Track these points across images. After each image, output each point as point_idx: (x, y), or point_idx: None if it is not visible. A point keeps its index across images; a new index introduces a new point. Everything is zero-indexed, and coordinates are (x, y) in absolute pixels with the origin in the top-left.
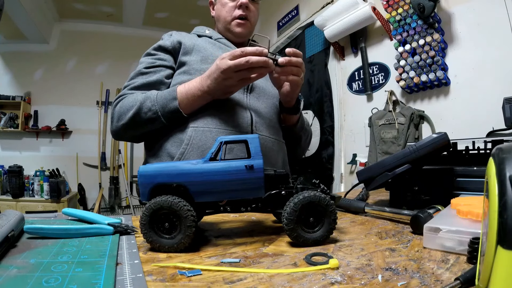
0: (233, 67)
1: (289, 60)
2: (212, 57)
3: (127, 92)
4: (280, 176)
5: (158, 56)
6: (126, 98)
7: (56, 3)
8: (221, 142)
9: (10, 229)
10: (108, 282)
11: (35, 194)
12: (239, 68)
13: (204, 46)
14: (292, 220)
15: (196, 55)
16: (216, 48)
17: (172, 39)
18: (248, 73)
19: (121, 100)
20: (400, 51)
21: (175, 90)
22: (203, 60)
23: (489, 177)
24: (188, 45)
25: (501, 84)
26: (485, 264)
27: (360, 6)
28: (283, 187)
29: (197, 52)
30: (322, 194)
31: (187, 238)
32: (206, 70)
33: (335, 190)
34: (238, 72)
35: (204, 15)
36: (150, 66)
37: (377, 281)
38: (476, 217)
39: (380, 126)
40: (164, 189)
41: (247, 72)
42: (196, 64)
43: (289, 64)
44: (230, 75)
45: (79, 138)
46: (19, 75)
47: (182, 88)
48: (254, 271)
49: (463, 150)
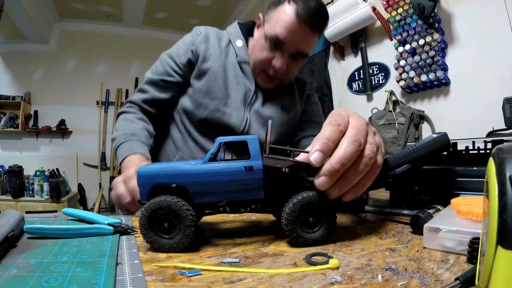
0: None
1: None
2: (215, 93)
3: (128, 109)
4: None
5: (167, 69)
6: (121, 118)
7: (56, 3)
8: (220, 142)
9: (10, 229)
10: (108, 282)
11: (35, 194)
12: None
13: (217, 73)
14: (291, 220)
15: (204, 81)
16: (230, 74)
17: (196, 48)
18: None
19: (120, 115)
20: (400, 51)
21: (123, 157)
22: (207, 92)
23: (489, 177)
24: (205, 67)
25: (501, 84)
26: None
27: (360, 6)
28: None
29: (207, 79)
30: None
31: (186, 237)
32: (206, 105)
33: None
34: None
35: (204, 15)
36: (163, 78)
37: (377, 281)
38: (476, 217)
39: (380, 126)
40: (163, 190)
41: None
42: (199, 95)
43: (329, 174)
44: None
45: (79, 138)
46: (19, 75)
47: (125, 162)
48: (254, 271)
49: (463, 150)
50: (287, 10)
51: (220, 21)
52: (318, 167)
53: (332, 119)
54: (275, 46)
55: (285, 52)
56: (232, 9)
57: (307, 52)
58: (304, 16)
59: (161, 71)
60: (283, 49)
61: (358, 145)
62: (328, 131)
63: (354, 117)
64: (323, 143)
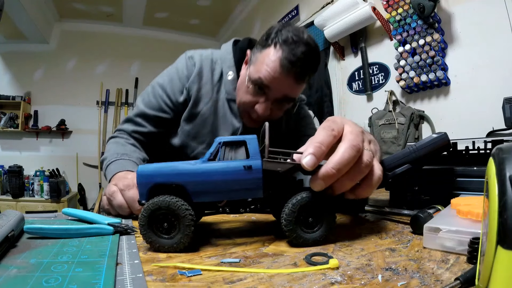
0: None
1: (327, 173)
2: (203, 137)
3: (119, 135)
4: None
5: (162, 105)
6: (112, 142)
7: (56, 3)
8: (219, 142)
9: (10, 229)
10: (108, 282)
11: (35, 194)
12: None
13: (207, 117)
14: (291, 221)
15: (194, 125)
16: (220, 113)
17: (189, 88)
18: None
19: (111, 139)
20: (400, 51)
21: (114, 173)
22: (195, 136)
23: (489, 177)
24: (195, 111)
25: (501, 84)
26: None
27: (360, 6)
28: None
29: (196, 124)
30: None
31: (186, 237)
32: (193, 148)
33: None
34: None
35: (204, 15)
36: (157, 115)
37: (377, 281)
38: (476, 217)
39: (380, 126)
40: (162, 189)
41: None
42: (188, 138)
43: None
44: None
45: (79, 138)
46: (19, 75)
47: (116, 176)
48: (254, 271)
49: (463, 150)
50: (272, 56)
51: (220, 21)
52: (310, 170)
53: (326, 125)
54: (259, 89)
55: (269, 97)
56: (232, 9)
57: (293, 97)
58: (288, 66)
59: (155, 105)
60: (267, 93)
61: (357, 150)
62: (321, 135)
63: (349, 124)
64: (315, 147)
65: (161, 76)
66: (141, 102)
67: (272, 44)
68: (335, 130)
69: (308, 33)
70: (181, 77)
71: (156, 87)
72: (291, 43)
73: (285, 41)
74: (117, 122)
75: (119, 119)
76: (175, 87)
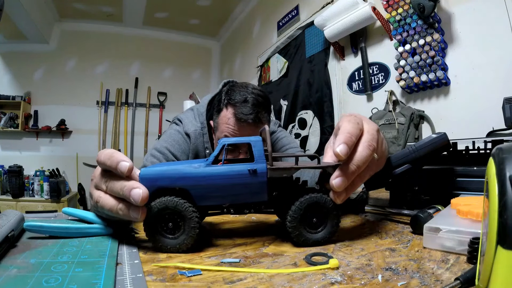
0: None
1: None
2: None
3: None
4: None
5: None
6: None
7: (56, 3)
8: (223, 145)
9: (10, 229)
10: (108, 282)
11: (35, 194)
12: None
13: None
14: (296, 218)
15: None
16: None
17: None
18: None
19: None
20: (400, 51)
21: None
22: None
23: (489, 177)
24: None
25: (501, 84)
26: (485, 264)
27: (360, 6)
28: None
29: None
30: (327, 196)
31: (190, 239)
32: None
33: None
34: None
35: (204, 15)
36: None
37: (377, 281)
38: (476, 217)
39: (380, 126)
40: (165, 193)
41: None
42: None
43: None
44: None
45: (79, 138)
46: (19, 75)
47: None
48: (254, 271)
49: (463, 150)
50: (228, 114)
51: (220, 21)
52: (343, 159)
53: (350, 118)
54: (229, 147)
55: (241, 148)
56: (232, 9)
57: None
58: (244, 118)
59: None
60: (238, 146)
61: (372, 150)
62: (350, 127)
63: (367, 121)
64: (347, 137)
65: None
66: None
67: (224, 107)
68: (360, 124)
69: (251, 84)
70: (184, 149)
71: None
72: (239, 98)
73: (233, 99)
74: (117, 122)
75: (119, 119)
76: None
